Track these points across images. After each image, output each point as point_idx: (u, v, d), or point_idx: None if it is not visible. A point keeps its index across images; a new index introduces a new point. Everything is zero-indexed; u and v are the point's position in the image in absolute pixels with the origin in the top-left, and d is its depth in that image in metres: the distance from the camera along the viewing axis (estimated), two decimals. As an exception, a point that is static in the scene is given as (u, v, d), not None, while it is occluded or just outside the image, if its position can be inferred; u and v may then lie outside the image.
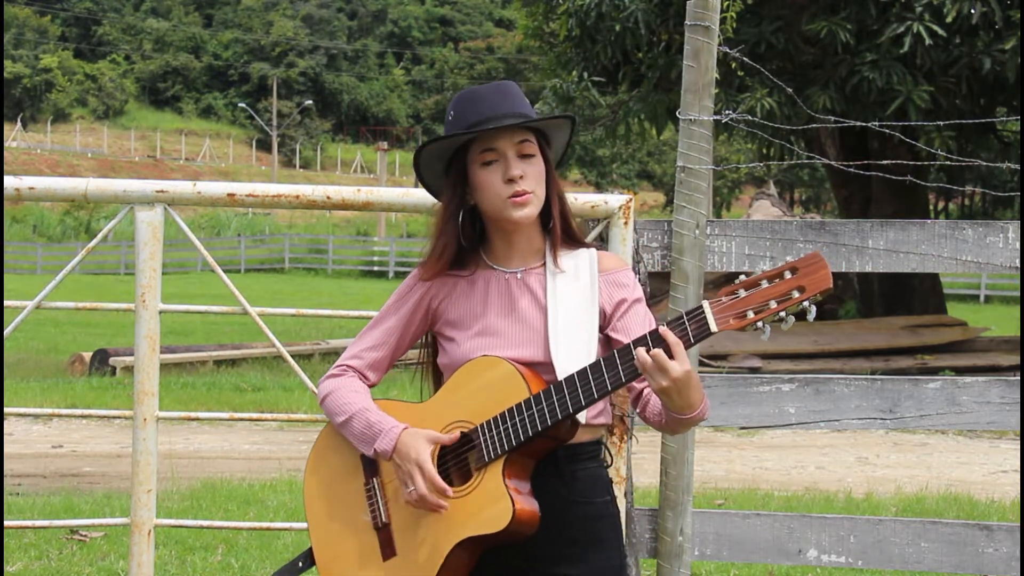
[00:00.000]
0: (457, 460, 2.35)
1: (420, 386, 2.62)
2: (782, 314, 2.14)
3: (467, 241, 2.43)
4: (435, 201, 2.52)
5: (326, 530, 2.47)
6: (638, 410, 2.43)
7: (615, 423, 3.17)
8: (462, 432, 2.33)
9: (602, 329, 2.42)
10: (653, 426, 2.42)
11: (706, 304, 2.19)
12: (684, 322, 2.20)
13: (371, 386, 2.52)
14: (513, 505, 2.24)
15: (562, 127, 2.46)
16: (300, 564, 2.56)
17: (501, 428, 2.28)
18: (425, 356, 2.58)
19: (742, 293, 2.17)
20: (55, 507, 6.54)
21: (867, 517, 3.40)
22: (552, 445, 2.33)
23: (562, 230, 2.44)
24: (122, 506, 6.32)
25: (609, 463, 2.49)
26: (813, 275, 2.12)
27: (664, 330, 2.20)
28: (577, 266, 2.44)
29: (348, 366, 2.52)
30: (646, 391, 2.40)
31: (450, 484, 2.31)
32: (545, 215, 2.44)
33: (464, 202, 2.42)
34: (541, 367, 2.35)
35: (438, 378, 2.54)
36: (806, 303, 2.12)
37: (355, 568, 2.42)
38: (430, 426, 2.36)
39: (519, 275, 2.44)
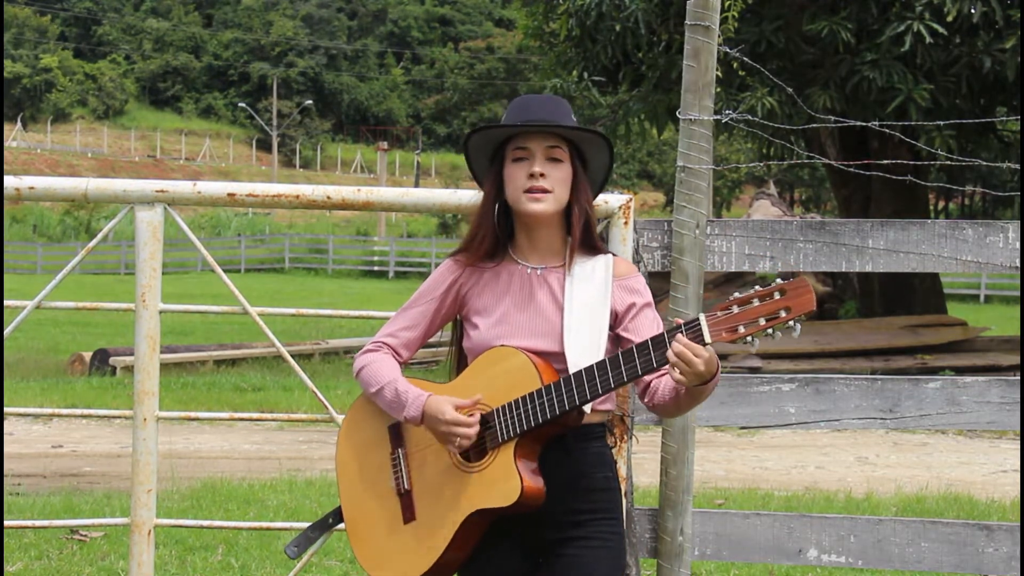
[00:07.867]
0: (476, 439, 2.57)
1: (448, 364, 2.88)
2: (769, 331, 2.34)
3: (500, 233, 2.66)
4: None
5: (354, 493, 2.74)
6: (646, 400, 2.61)
7: (615, 423, 3.17)
8: (481, 414, 2.56)
9: (612, 328, 2.64)
10: (659, 409, 2.59)
11: (703, 317, 2.38)
12: (681, 332, 2.39)
13: (403, 363, 2.75)
14: (522, 483, 2.49)
15: (599, 147, 2.68)
16: (330, 521, 2.86)
17: (515, 413, 2.52)
18: (453, 339, 2.82)
19: (735, 309, 2.36)
20: (55, 507, 6.54)
21: (867, 517, 3.40)
22: (559, 430, 2.57)
23: (582, 239, 2.67)
24: (122, 506, 6.32)
25: (613, 444, 2.75)
26: (799, 298, 2.32)
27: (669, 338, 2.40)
28: (594, 269, 2.66)
29: (383, 343, 2.75)
30: (653, 382, 2.58)
31: (468, 460, 2.57)
32: (569, 221, 2.66)
33: (500, 195, 2.66)
34: (553, 357, 2.59)
35: (462, 359, 2.78)
36: (791, 322, 2.32)
37: (378, 528, 2.68)
38: None
39: (540, 271, 2.67)
